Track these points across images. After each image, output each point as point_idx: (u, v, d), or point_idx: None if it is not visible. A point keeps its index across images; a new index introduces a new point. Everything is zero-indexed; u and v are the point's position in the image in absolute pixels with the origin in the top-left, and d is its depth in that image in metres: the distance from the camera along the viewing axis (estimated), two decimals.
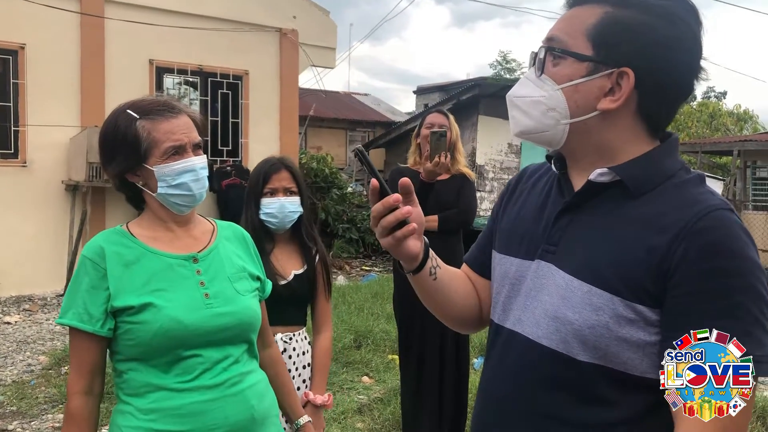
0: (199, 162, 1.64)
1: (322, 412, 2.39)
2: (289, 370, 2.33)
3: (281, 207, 2.36)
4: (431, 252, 1.29)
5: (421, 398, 3.65)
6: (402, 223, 1.16)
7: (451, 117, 3.78)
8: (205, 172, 1.66)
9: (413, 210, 1.17)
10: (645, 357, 1.08)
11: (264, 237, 2.37)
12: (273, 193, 2.37)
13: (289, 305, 2.37)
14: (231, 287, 1.68)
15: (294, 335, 2.41)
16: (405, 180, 1.18)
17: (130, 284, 1.58)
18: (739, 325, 1.01)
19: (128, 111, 1.62)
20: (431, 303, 1.38)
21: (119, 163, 1.63)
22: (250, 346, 1.73)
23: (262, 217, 2.37)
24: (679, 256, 1.03)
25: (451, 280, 1.36)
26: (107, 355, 1.66)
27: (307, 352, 2.45)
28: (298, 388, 2.37)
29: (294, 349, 2.40)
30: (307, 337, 2.50)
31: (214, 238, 1.75)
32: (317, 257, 2.48)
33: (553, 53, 1.15)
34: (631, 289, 1.06)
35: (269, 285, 1.90)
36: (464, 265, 1.47)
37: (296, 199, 2.40)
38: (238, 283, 1.70)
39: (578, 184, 1.20)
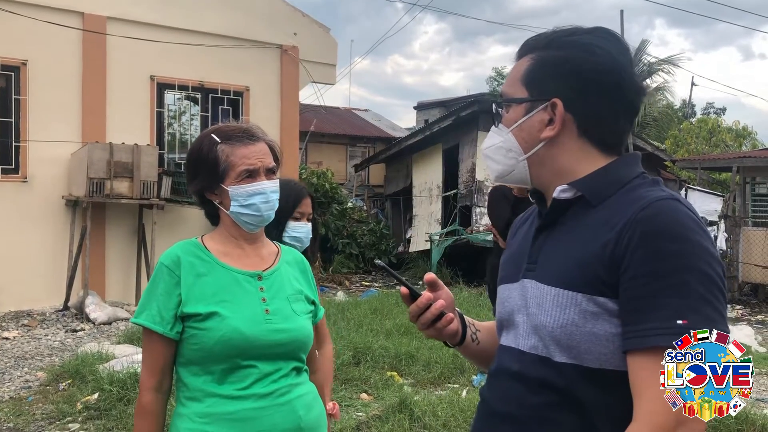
0: (270, 186, 1.80)
1: (331, 422, 2.42)
2: None
3: (308, 232, 2.43)
4: (467, 320, 1.46)
5: None
6: (440, 314, 1.34)
7: None
8: (275, 196, 1.82)
9: (442, 295, 1.36)
10: (616, 350, 1.14)
11: None
12: (301, 217, 2.42)
13: None
14: (289, 307, 1.81)
15: None
16: (429, 276, 1.36)
17: (200, 293, 1.73)
18: (684, 302, 1.06)
19: (212, 135, 1.80)
20: (484, 364, 1.52)
21: (200, 181, 1.81)
22: (299, 364, 1.84)
23: (287, 239, 2.38)
24: (624, 244, 1.12)
25: (492, 337, 1.48)
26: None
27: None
28: None
29: None
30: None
31: (278, 260, 1.89)
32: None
33: (500, 105, 1.34)
34: (590, 283, 1.15)
35: (322, 310, 2.01)
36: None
37: (310, 225, 2.48)
38: (296, 303, 1.84)
39: None
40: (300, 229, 2.40)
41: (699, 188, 13.22)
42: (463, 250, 12.11)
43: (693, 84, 34.68)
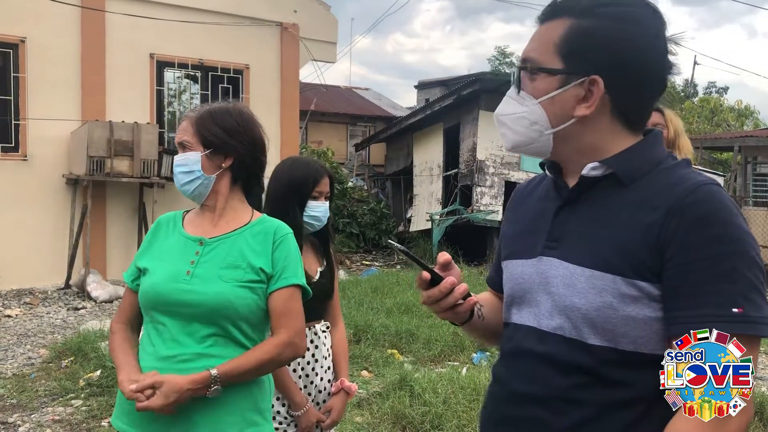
0: (175, 160, 1.92)
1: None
2: (317, 360, 2.46)
3: (326, 211, 2.45)
4: (472, 297, 1.38)
5: None
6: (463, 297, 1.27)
7: (668, 112, 3.38)
8: (179, 169, 1.88)
9: (454, 275, 1.28)
10: (653, 334, 1.12)
11: (299, 237, 2.39)
12: (319, 196, 2.44)
13: (317, 301, 2.40)
14: (217, 272, 1.79)
15: (317, 327, 2.50)
16: (446, 256, 1.28)
17: (149, 251, 1.90)
18: (736, 289, 1.06)
19: None
20: (486, 339, 1.50)
21: None
22: (222, 331, 1.76)
23: (306, 218, 2.40)
24: (672, 229, 1.09)
25: (491, 309, 1.44)
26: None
27: (328, 339, 2.56)
28: (321, 377, 2.50)
29: (321, 341, 2.50)
30: (329, 326, 2.59)
31: (236, 230, 1.87)
32: (332, 252, 2.58)
33: (528, 71, 1.23)
34: (632, 266, 1.12)
35: (285, 281, 1.84)
36: (488, 290, 1.55)
37: (327, 204, 2.49)
38: (229, 270, 1.79)
39: (573, 183, 1.27)
40: (318, 209, 2.42)
41: (700, 168, 13.16)
42: (464, 229, 12.12)
43: (695, 63, 34.32)
